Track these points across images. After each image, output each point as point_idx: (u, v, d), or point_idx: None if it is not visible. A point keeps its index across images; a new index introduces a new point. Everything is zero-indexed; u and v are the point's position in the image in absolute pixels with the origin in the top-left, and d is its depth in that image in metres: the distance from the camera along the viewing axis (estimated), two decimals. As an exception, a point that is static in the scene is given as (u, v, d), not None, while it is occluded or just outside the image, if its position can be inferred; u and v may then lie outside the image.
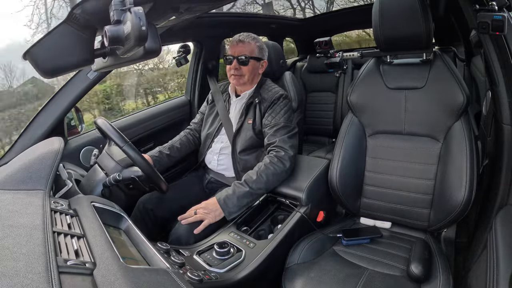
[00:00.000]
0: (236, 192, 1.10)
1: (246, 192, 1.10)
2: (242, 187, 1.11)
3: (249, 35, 1.32)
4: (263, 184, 1.13)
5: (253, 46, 1.29)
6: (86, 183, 1.06)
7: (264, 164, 1.15)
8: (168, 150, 1.38)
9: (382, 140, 1.16)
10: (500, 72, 0.88)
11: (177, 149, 1.41)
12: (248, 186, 1.11)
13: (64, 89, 1.26)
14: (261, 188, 1.13)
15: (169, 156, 1.37)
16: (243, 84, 1.33)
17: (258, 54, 1.30)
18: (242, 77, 1.30)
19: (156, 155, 1.33)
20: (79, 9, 0.51)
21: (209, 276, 0.81)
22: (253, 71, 1.31)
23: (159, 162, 1.33)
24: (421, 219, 1.08)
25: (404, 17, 1.02)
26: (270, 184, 1.15)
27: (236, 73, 1.29)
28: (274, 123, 1.24)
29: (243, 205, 1.11)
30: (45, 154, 0.84)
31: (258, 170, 1.15)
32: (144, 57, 0.50)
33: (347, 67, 2.19)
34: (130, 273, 0.52)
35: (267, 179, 1.13)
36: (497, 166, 0.95)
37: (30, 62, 0.55)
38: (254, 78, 1.33)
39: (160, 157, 1.34)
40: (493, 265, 0.71)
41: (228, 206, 1.08)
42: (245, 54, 1.27)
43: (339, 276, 0.92)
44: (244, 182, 1.13)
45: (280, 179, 1.17)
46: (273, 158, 1.17)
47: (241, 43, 1.28)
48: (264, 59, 1.34)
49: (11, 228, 0.56)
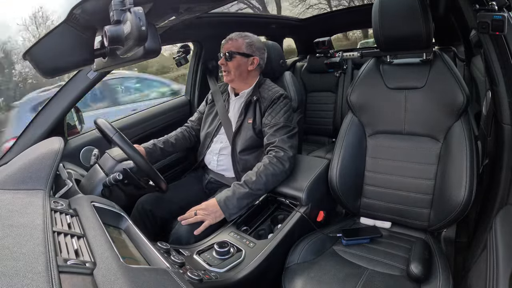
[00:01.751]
0: (236, 193, 1.10)
1: (246, 193, 1.10)
2: (242, 188, 1.11)
3: (239, 33, 1.33)
4: (263, 185, 1.13)
5: (240, 42, 1.30)
6: (86, 183, 1.06)
7: (264, 165, 1.15)
8: (162, 144, 1.37)
9: (382, 140, 1.16)
10: (500, 72, 0.88)
11: (172, 144, 1.40)
12: (248, 187, 1.11)
13: (64, 89, 1.26)
14: (261, 189, 1.13)
15: (162, 150, 1.36)
16: (231, 80, 1.33)
17: (245, 50, 1.30)
18: (229, 73, 1.31)
19: (149, 147, 1.32)
20: (79, 9, 0.51)
21: (209, 275, 0.81)
22: (240, 67, 1.30)
23: (151, 154, 1.32)
24: (421, 219, 1.08)
25: (404, 17, 1.02)
26: (269, 185, 1.14)
27: (224, 69, 1.31)
28: (274, 123, 1.24)
29: (243, 206, 1.11)
30: (45, 154, 0.84)
31: (257, 170, 1.14)
32: (144, 57, 0.50)
33: (347, 67, 2.20)
34: (130, 272, 0.52)
35: (267, 180, 1.13)
36: (497, 166, 0.95)
37: (30, 62, 0.55)
38: (242, 75, 1.32)
39: (153, 150, 1.33)
40: (493, 265, 0.71)
41: (228, 208, 1.08)
42: (231, 49, 1.29)
43: (339, 276, 0.92)
44: (244, 183, 1.12)
45: (280, 179, 1.17)
46: (272, 159, 1.16)
47: (230, 40, 1.31)
48: (255, 55, 1.32)
49: (11, 227, 0.56)
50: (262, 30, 2.31)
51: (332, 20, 2.57)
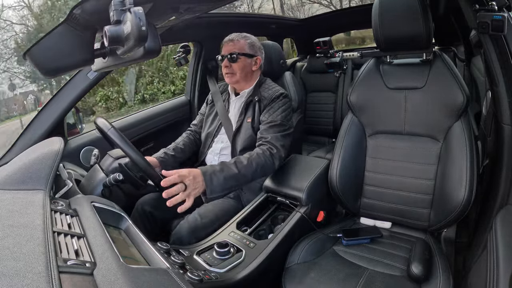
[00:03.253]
0: (225, 171, 1.04)
1: (234, 174, 1.05)
2: (231, 168, 1.06)
3: (239, 34, 1.33)
4: (250, 173, 1.09)
5: (242, 43, 1.30)
6: (86, 183, 1.06)
7: (257, 153, 1.13)
8: (173, 151, 1.36)
9: (382, 140, 1.16)
10: (500, 72, 0.88)
11: (181, 150, 1.39)
12: (237, 168, 1.06)
13: (64, 89, 1.26)
14: (247, 175, 1.09)
15: (174, 157, 1.35)
16: (236, 82, 1.33)
17: (248, 51, 1.31)
18: (234, 75, 1.30)
19: (161, 156, 1.31)
20: (79, 9, 0.51)
21: (209, 276, 0.81)
22: (245, 68, 1.31)
23: (165, 163, 1.30)
24: (421, 219, 1.08)
25: (404, 17, 1.02)
26: (256, 175, 1.12)
27: (228, 71, 1.30)
28: (270, 120, 1.24)
29: (227, 188, 1.04)
30: (45, 154, 0.84)
31: (249, 157, 1.12)
32: (144, 57, 0.50)
33: (347, 67, 2.20)
34: (130, 273, 0.52)
35: (256, 169, 1.10)
36: (497, 166, 0.95)
37: (30, 62, 0.55)
38: (247, 75, 1.33)
39: (165, 158, 1.31)
40: (493, 265, 0.71)
41: (212, 183, 1.00)
42: (235, 51, 1.28)
43: (339, 276, 0.92)
44: (234, 164, 1.07)
45: (266, 174, 1.16)
46: (266, 151, 1.15)
47: (231, 42, 1.31)
48: (258, 55, 1.34)
49: (11, 228, 0.56)
50: (262, 30, 2.31)
51: (332, 20, 2.57)
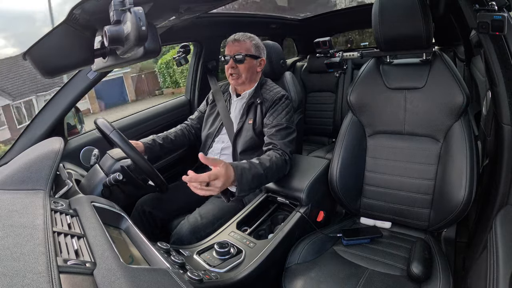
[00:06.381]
0: (252, 170, 1.00)
1: (261, 175, 1.02)
2: (258, 168, 1.02)
3: (244, 34, 1.32)
4: (270, 175, 1.07)
5: (248, 44, 1.29)
6: (86, 183, 1.06)
7: (275, 157, 1.12)
8: (162, 140, 1.34)
9: (382, 140, 1.16)
10: (500, 72, 0.88)
11: (171, 141, 1.37)
12: (263, 169, 1.04)
13: (64, 89, 1.26)
14: (268, 177, 1.06)
15: (161, 146, 1.33)
16: (242, 83, 1.32)
17: (254, 52, 1.30)
18: (240, 76, 1.29)
19: (149, 142, 1.29)
20: (79, 9, 0.51)
21: (209, 276, 0.81)
22: (251, 69, 1.30)
23: (151, 150, 1.29)
24: (421, 219, 1.08)
25: (404, 17, 1.02)
26: (272, 178, 1.11)
27: (233, 72, 1.29)
28: (275, 123, 1.23)
29: (253, 188, 1.01)
30: (45, 154, 0.84)
31: (270, 158, 1.09)
32: (144, 57, 0.51)
33: (347, 67, 2.20)
34: (130, 272, 0.52)
35: (273, 173, 1.08)
36: (497, 166, 0.95)
37: (30, 62, 0.55)
38: (252, 77, 1.32)
39: (152, 145, 1.30)
40: (493, 265, 0.71)
41: (242, 182, 0.96)
42: (241, 52, 1.27)
43: (339, 276, 0.92)
44: (259, 165, 1.04)
45: (278, 178, 1.16)
46: (282, 157, 1.14)
47: (237, 42, 1.29)
48: (262, 57, 1.33)
49: (11, 228, 0.56)
50: (262, 30, 2.31)
51: (332, 20, 2.57)
